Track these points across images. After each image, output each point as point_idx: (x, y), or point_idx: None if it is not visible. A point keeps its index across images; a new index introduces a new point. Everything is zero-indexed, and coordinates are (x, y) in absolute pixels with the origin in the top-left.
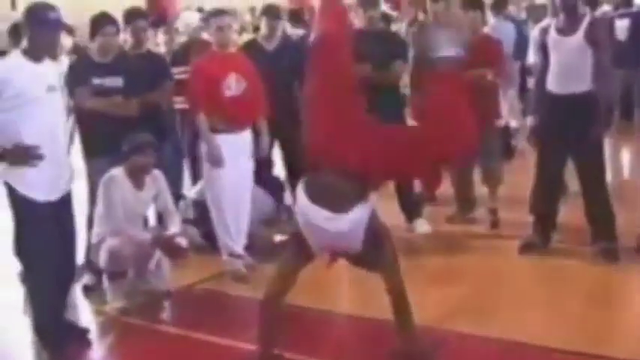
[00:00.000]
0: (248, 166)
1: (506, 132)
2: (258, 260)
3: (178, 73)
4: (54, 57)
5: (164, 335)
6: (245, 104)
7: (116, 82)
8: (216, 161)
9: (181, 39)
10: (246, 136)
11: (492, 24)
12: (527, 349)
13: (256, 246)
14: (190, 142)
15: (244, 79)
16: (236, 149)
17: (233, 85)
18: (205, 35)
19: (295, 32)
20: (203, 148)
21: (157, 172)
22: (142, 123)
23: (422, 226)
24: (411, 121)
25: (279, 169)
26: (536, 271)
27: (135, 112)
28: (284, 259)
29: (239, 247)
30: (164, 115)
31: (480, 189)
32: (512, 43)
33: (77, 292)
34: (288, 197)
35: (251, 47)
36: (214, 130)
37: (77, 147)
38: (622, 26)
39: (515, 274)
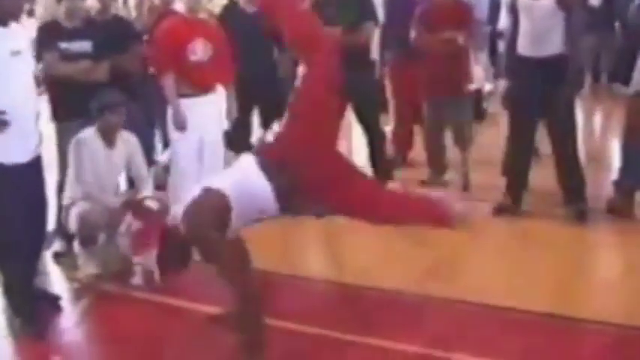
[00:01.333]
0: (217, 132)
1: (478, 95)
2: None
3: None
4: (17, 20)
5: (136, 301)
6: (210, 70)
7: (84, 46)
8: (180, 124)
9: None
10: (214, 102)
11: None
12: (498, 311)
13: None
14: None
15: (211, 46)
16: (202, 114)
17: (199, 50)
18: (178, 6)
19: None
20: (169, 111)
21: (130, 135)
22: (112, 87)
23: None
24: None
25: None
26: (507, 233)
27: (104, 76)
28: None
29: None
30: (134, 79)
31: (452, 153)
32: (487, 6)
33: (48, 258)
34: None
35: (231, 10)
36: (180, 94)
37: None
38: None
39: (487, 236)
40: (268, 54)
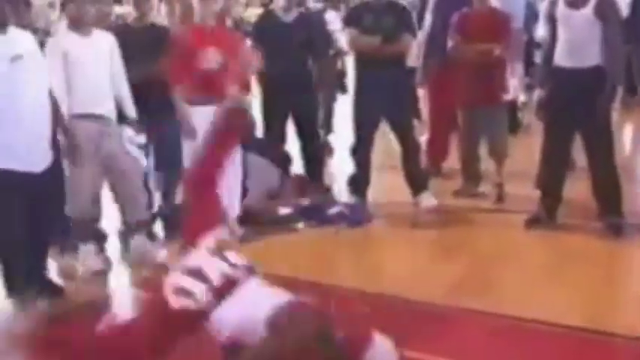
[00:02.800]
0: None
1: (514, 106)
2: (254, 233)
3: None
4: (22, 25)
5: None
6: (220, 79)
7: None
8: (189, 133)
9: None
10: None
11: None
12: (531, 324)
13: (252, 218)
14: None
15: (224, 54)
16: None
17: (212, 59)
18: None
19: (315, 6)
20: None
21: (107, 33)
22: (144, 96)
23: (428, 199)
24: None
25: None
26: (541, 246)
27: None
28: None
29: None
30: (166, 88)
31: (486, 164)
32: (523, 16)
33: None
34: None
35: (266, 18)
36: (192, 103)
37: None
38: (624, 0)
39: (521, 248)
40: (303, 62)
